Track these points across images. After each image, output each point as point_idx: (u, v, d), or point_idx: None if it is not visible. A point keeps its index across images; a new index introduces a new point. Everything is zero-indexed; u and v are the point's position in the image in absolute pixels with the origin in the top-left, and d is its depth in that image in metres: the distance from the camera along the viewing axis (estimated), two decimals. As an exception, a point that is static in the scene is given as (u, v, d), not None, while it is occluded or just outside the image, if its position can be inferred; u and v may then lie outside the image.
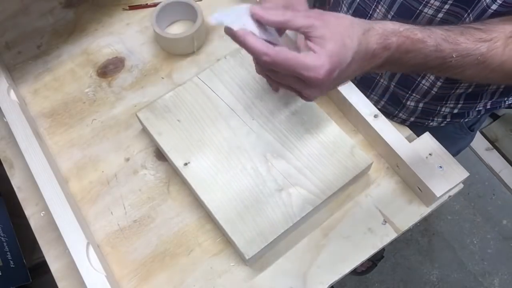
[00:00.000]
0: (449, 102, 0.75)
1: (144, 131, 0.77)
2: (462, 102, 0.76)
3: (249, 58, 0.79)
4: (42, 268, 0.90)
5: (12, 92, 0.79)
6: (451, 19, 0.61)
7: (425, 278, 1.52)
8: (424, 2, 0.60)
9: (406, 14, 0.63)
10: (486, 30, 0.51)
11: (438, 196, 0.68)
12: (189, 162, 0.71)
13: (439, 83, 0.70)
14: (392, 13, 0.65)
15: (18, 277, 0.92)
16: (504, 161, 1.76)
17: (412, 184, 0.72)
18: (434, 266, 1.53)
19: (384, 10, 0.66)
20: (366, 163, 0.70)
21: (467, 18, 0.59)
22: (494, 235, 1.58)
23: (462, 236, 1.58)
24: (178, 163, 0.71)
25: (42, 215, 0.73)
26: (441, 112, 0.78)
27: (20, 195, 0.75)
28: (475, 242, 1.57)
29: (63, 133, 0.80)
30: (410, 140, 0.73)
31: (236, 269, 0.68)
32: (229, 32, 0.47)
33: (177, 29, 0.88)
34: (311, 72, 0.44)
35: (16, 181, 0.76)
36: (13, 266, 0.92)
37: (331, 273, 0.67)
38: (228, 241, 0.69)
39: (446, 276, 1.51)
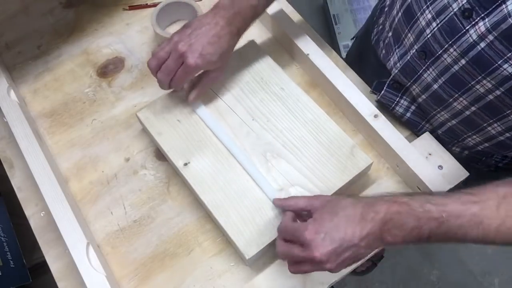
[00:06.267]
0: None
1: (144, 131, 0.77)
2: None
3: (250, 58, 0.79)
4: (42, 268, 0.90)
5: (12, 92, 0.79)
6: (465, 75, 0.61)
7: (425, 278, 1.51)
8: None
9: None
10: (476, 194, 0.52)
11: (438, 196, 0.68)
12: (189, 162, 0.71)
13: (454, 121, 0.70)
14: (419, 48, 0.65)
15: (18, 277, 0.92)
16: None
17: (412, 184, 0.72)
18: (434, 266, 1.53)
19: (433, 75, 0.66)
20: (366, 163, 0.70)
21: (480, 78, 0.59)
22: (494, 235, 1.58)
23: (462, 236, 1.58)
24: (178, 163, 0.71)
25: (42, 215, 0.73)
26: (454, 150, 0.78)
27: (20, 195, 0.75)
28: (475, 242, 1.57)
29: (63, 133, 0.80)
30: (410, 140, 0.73)
31: (236, 269, 0.68)
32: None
33: (177, 29, 0.88)
34: (299, 231, 0.54)
35: (16, 181, 0.76)
36: (13, 266, 0.92)
37: (331, 273, 0.67)
38: (228, 241, 0.69)
39: (446, 276, 1.51)
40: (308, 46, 0.80)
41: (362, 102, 0.75)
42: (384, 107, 0.79)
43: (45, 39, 0.89)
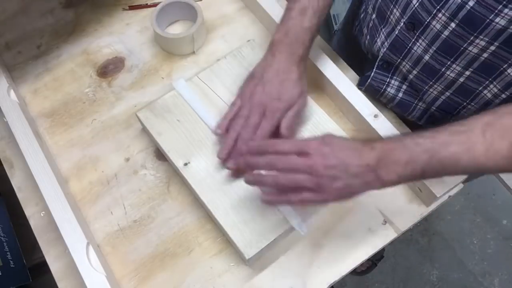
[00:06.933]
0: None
1: (144, 131, 0.77)
2: None
3: (249, 58, 0.79)
4: (42, 268, 0.90)
5: (12, 92, 0.79)
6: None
7: (425, 278, 1.52)
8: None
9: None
10: (462, 124, 0.55)
11: (438, 196, 0.68)
12: (189, 162, 0.71)
13: (448, 93, 0.70)
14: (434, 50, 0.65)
15: (18, 277, 0.92)
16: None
17: (412, 184, 0.71)
18: (434, 266, 1.53)
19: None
20: (366, 163, 0.70)
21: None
22: (494, 235, 1.58)
23: (462, 236, 1.58)
24: (178, 163, 0.71)
25: (42, 215, 0.73)
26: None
27: (20, 195, 0.75)
28: (475, 242, 1.57)
29: (63, 133, 0.80)
30: (410, 140, 0.73)
31: (236, 269, 0.68)
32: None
33: (177, 29, 0.88)
34: (306, 146, 0.56)
35: (16, 181, 0.76)
36: (13, 266, 0.92)
37: (331, 273, 0.67)
38: (228, 241, 0.69)
39: (446, 276, 1.51)
40: (308, 46, 0.80)
41: (362, 102, 0.75)
42: (375, 92, 0.78)
43: (45, 39, 0.89)
